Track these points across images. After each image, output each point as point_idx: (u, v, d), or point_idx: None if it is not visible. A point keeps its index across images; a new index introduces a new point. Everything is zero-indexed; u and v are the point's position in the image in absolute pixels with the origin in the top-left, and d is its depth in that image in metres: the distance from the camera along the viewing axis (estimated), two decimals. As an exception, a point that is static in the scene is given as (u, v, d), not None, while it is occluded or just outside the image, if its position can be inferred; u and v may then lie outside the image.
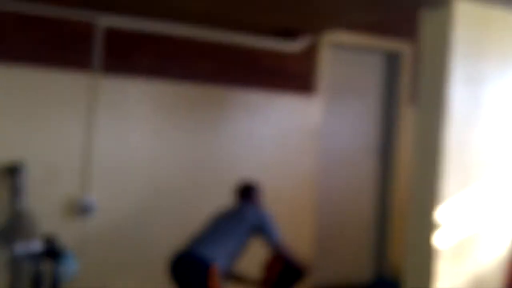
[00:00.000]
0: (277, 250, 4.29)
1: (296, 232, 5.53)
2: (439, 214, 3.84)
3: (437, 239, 3.84)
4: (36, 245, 3.95)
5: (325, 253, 5.91)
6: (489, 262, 4.06)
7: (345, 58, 6.01)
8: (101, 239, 4.79)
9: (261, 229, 4.25)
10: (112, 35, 4.82)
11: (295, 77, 5.57)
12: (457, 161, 3.91)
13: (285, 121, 5.54)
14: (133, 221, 4.94)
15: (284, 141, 5.54)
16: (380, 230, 6.27)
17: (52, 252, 3.98)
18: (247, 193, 4.50)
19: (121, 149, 4.88)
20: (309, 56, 5.62)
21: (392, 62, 6.22)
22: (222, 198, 4.81)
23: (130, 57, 4.93)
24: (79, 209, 4.69)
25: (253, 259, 4.50)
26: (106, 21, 4.76)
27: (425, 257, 3.90)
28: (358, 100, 6.14)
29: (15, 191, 4.34)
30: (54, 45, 4.64)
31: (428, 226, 3.90)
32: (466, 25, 3.90)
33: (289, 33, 5.41)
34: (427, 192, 3.94)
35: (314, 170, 5.69)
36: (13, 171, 4.37)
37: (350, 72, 6.07)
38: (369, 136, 6.21)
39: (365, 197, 6.23)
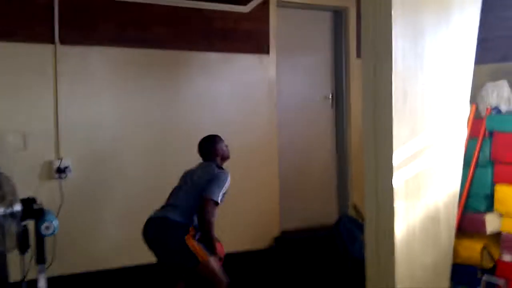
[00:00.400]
0: (205, 206, 4.26)
1: (262, 182, 5.88)
2: (392, 156, 4.04)
3: (391, 179, 4.05)
4: (17, 207, 4.16)
5: (290, 199, 6.20)
6: (442, 199, 4.31)
7: (294, 16, 6.30)
8: (76, 198, 5.04)
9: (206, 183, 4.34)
10: (70, 4, 5.01)
11: (247, 36, 5.84)
12: (403, 108, 4.08)
13: (242, 79, 5.82)
14: (104, 178, 5.20)
15: (242, 98, 5.81)
16: (340, 173, 6.61)
17: (33, 211, 4.20)
18: (203, 148, 4.63)
19: (87, 112, 5.11)
20: (259, 16, 5.89)
21: (338, 18, 6.54)
22: (185, 155, 5.02)
23: (89, 25, 5.13)
24: (54, 171, 4.93)
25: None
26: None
27: (383, 197, 4.11)
28: (309, 55, 6.46)
29: (-8, 158, 4.56)
30: (18, 18, 4.82)
31: (384, 169, 4.09)
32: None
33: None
34: (379, 138, 4.13)
35: (274, 123, 6.00)
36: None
37: (300, 29, 6.37)
38: (322, 88, 6.54)
39: (324, 144, 6.57)
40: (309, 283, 5.50)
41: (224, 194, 4.37)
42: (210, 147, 4.62)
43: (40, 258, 4.02)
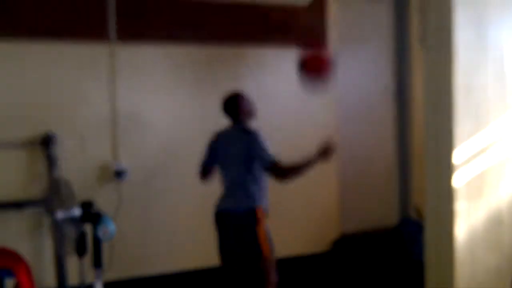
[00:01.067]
0: (276, 169, 4.12)
1: (320, 182, 5.75)
2: (454, 155, 3.98)
3: (453, 180, 3.98)
4: (76, 211, 4.21)
5: (350, 201, 6.07)
6: (506, 199, 4.20)
7: (354, 7, 6.14)
8: (134, 200, 5.06)
9: (254, 156, 4.18)
10: (127, 3, 5.02)
11: (305, 30, 5.72)
12: (466, 103, 4.02)
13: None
14: (161, 180, 5.19)
15: (300, 93, 5.71)
16: (402, 173, 6.41)
17: (91, 215, 4.25)
18: (228, 108, 4.41)
19: (144, 113, 5.12)
20: (317, 8, 5.75)
21: (400, 7, 6.33)
22: None
23: (146, 22, 5.12)
24: (112, 174, 4.97)
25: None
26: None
27: (443, 198, 4.06)
28: (370, 47, 6.28)
29: (50, 161, 4.63)
30: (71, 17, 4.85)
31: (444, 168, 4.04)
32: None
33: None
34: (440, 135, 4.07)
35: (333, 120, 5.86)
36: (47, 142, 4.65)
37: (359, 20, 6.20)
38: (384, 80, 6.35)
39: (385, 141, 6.38)
40: (368, 287, 5.38)
41: None
42: (233, 105, 4.41)
43: (97, 263, 4.06)
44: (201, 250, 4.34)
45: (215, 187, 4.57)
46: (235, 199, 4.24)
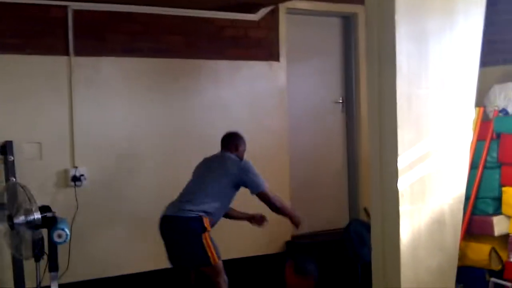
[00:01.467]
0: (264, 198, 4.59)
1: (273, 187, 5.81)
2: (397, 160, 4.07)
3: (397, 184, 4.08)
4: (34, 215, 4.28)
5: (302, 204, 6.16)
6: (448, 202, 4.31)
7: (304, 23, 6.37)
8: (91, 205, 5.15)
9: (245, 182, 4.56)
10: (83, 17, 5.15)
11: (258, 44, 5.94)
12: (408, 112, 4.11)
13: (252, 86, 5.91)
14: (118, 186, 5.31)
15: (253, 104, 5.89)
16: (351, 177, 6.65)
17: (46, 220, 4.32)
18: (229, 140, 4.76)
19: (101, 121, 5.25)
20: (269, 24, 5.97)
21: (348, 23, 6.60)
22: (197, 163, 4.97)
23: (102, 36, 5.26)
24: (69, 180, 5.06)
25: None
26: (76, 5, 5.08)
27: (388, 201, 4.16)
28: (319, 60, 6.52)
29: (8, 168, 4.70)
30: (32, 31, 4.97)
31: (389, 173, 4.12)
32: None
33: (250, 6, 5.73)
34: (384, 143, 4.17)
35: (285, 128, 6.07)
36: (4, 150, 4.72)
37: (309, 35, 6.44)
38: (332, 93, 6.59)
39: (335, 148, 6.62)
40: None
41: None
42: (235, 140, 4.78)
43: (53, 266, 4.14)
44: (156, 252, 4.46)
45: (171, 191, 4.72)
46: (190, 205, 4.39)
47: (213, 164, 4.67)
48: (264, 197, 4.57)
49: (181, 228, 4.39)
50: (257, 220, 4.89)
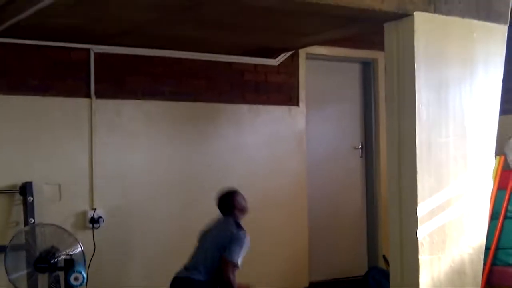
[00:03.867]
0: (226, 267, 4.32)
1: (291, 233, 5.92)
2: (416, 209, 4.09)
3: (416, 232, 4.09)
4: (52, 257, 4.30)
5: (320, 250, 6.21)
6: (468, 252, 4.32)
7: (324, 68, 6.41)
8: (108, 247, 5.14)
9: (227, 246, 4.37)
10: (105, 60, 5.21)
11: (277, 88, 5.98)
12: (428, 160, 4.14)
13: (272, 130, 5.93)
14: (136, 229, 5.30)
15: (272, 149, 5.90)
16: (370, 224, 6.61)
17: (65, 262, 4.34)
18: (223, 203, 4.65)
19: (121, 164, 5.25)
20: (289, 69, 6.03)
21: (367, 69, 6.64)
22: (216, 208, 4.85)
23: (123, 79, 5.32)
24: (88, 222, 5.07)
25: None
26: (99, 49, 5.16)
27: (407, 250, 4.16)
28: (339, 106, 6.56)
29: (28, 209, 4.73)
30: (54, 74, 5.04)
31: (408, 221, 4.14)
32: (426, 33, 4.11)
33: (270, 51, 5.80)
34: (403, 191, 4.18)
35: (304, 173, 6.06)
36: (25, 192, 4.75)
37: (329, 80, 6.48)
38: (352, 138, 6.61)
39: (354, 194, 6.60)
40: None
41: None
42: (228, 201, 4.64)
43: (70, 308, 4.14)
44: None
45: (189, 233, 4.70)
46: (197, 272, 4.37)
47: (216, 232, 4.56)
48: (226, 266, 4.33)
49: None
50: None
